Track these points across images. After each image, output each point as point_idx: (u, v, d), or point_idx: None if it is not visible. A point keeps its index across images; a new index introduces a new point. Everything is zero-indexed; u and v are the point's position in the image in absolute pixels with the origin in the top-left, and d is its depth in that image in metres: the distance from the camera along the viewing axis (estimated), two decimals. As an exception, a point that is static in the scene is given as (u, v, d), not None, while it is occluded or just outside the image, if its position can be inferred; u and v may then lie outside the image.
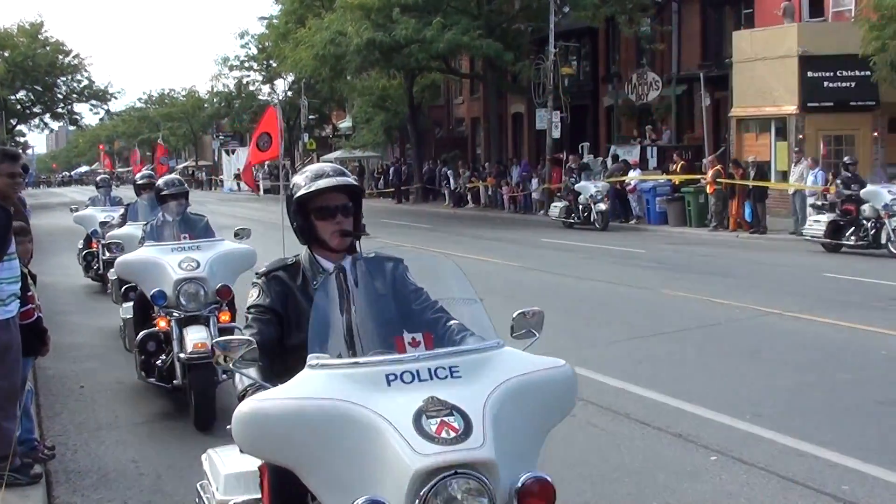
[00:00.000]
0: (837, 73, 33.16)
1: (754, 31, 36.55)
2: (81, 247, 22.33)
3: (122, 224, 16.39)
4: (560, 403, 4.66)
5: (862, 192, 25.33)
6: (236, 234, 12.41)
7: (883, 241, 24.56)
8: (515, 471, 4.13)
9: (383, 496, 3.97)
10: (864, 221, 25.03)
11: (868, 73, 30.50)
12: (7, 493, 7.44)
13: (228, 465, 5.59)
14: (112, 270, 15.52)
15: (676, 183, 35.05)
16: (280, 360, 4.91)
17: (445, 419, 4.05)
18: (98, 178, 25.92)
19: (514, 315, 5.24)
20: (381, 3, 44.04)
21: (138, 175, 18.43)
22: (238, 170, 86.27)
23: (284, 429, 4.15)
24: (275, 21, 71.00)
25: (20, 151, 10.21)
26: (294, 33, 55.60)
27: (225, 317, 10.88)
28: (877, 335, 13.99)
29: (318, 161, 72.60)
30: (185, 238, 11.40)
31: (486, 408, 4.15)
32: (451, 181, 52.50)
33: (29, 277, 8.42)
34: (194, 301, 10.59)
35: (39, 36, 79.70)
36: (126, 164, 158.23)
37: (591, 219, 34.59)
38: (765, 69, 34.48)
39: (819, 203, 27.57)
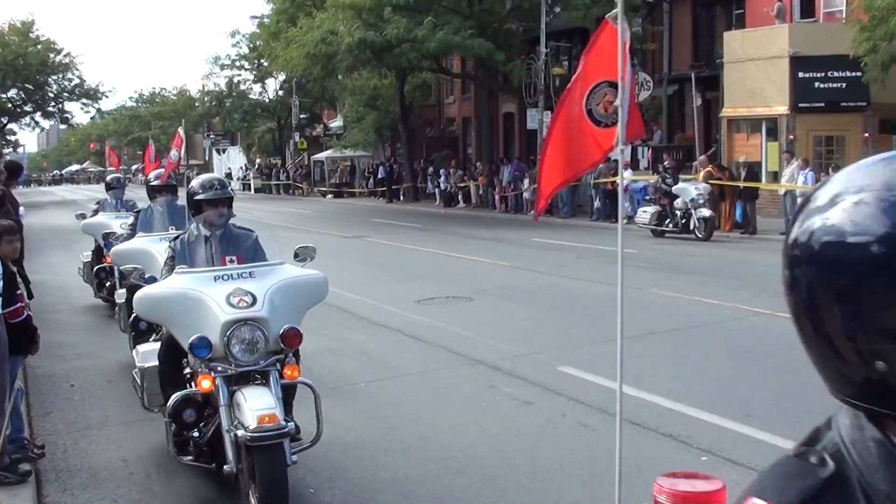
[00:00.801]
0: (828, 74, 33.24)
1: (745, 31, 36.62)
2: (89, 259, 18.58)
3: (130, 235, 13.10)
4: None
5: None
6: (296, 256, 9.26)
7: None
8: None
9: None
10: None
11: (859, 73, 30.55)
12: (-4, 493, 7.43)
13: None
14: (120, 292, 13.76)
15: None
16: None
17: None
18: (108, 178, 21.17)
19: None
20: (372, 2, 44.07)
21: (152, 174, 16.24)
22: (229, 168, 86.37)
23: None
24: (266, 20, 70.97)
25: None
26: (285, 32, 55.53)
27: (292, 372, 8.05)
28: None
29: (308, 160, 72.59)
30: (231, 262, 8.58)
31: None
32: (442, 181, 52.51)
33: (19, 276, 8.41)
34: (251, 351, 7.78)
35: (30, 34, 79.52)
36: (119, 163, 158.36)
37: (691, 226, 29.96)
38: (756, 70, 34.55)
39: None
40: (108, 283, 17.18)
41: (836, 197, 1.62)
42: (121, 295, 13.48)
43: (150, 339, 10.16)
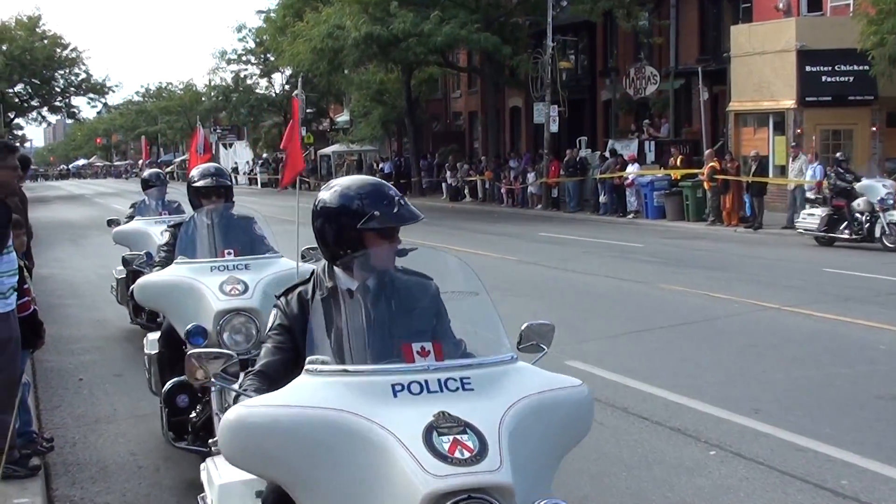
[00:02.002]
0: (836, 68, 33.19)
1: (752, 25, 36.56)
2: (124, 276, 14.76)
3: (166, 261, 9.00)
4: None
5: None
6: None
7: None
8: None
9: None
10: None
11: (866, 67, 30.51)
12: (5, 486, 7.45)
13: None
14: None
15: (675, 177, 35.00)
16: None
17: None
18: (147, 174, 16.91)
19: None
20: (378, -4, 44.12)
21: (198, 170, 9.68)
22: (235, 163, 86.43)
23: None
24: (272, 15, 70.86)
25: (17, 145, 10.23)
26: (292, 27, 55.46)
27: None
28: (875, 330, 14.01)
29: (315, 155, 72.45)
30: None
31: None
32: (448, 175, 52.51)
33: (25, 270, 8.42)
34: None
35: (37, 29, 79.64)
36: (123, 158, 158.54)
37: (877, 233, 24.72)
38: (763, 63, 34.51)
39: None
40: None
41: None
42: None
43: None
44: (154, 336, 9.33)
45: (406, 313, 4.55)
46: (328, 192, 4.62)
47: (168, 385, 8.15)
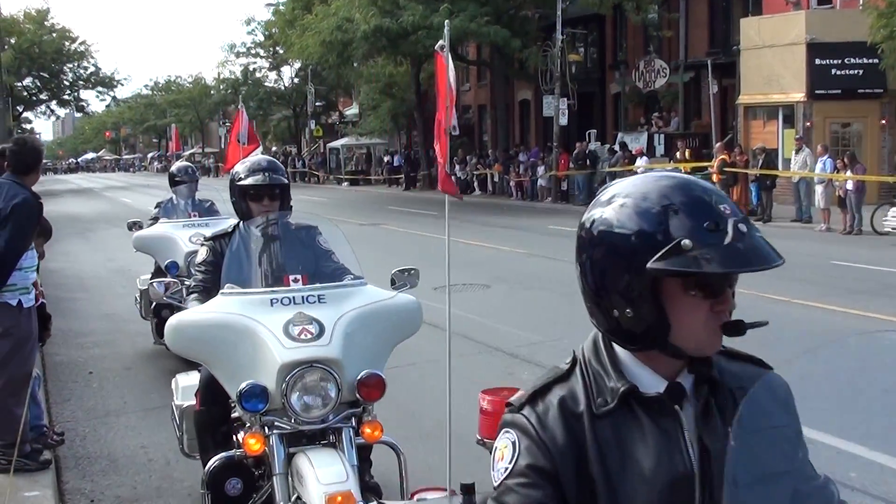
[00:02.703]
0: (845, 61, 33.13)
1: (762, 18, 36.49)
2: (147, 287, 10.88)
3: (208, 276, 6.71)
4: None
5: None
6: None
7: None
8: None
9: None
10: None
11: (876, 60, 30.40)
12: (17, 479, 7.47)
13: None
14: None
15: (683, 170, 34.93)
16: None
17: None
18: (175, 167, 13.86)
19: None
20: (387, -11, 44.10)
21: (244, 165, 7.06)
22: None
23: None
24: (281, 8, 70.94)
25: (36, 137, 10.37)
26: (301, 20, 55.55)
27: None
28: (885, 322, 14.01)
29: (324, 148, 72.57)
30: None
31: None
32: (457, 168, 52.51)
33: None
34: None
35: (46, 23, 79.86)
36: (132, 151, 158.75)
37: None
38: (772, 56, 34.44)
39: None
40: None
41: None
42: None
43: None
44: (186, 381, 7.64)
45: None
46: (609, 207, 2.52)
47: (212, 465, 6.05)
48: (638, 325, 2.43)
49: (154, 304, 11.28)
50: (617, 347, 2.55)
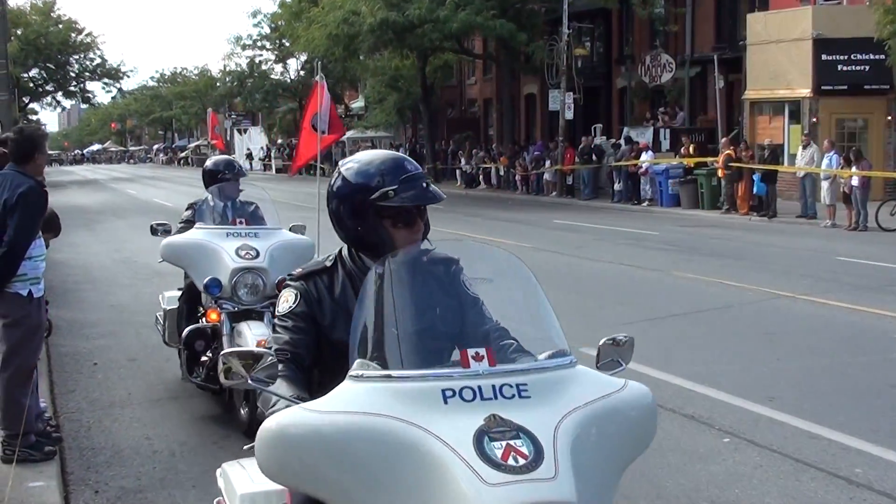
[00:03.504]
0: (852, 57, 33.09)
1: (769, 13, 36.43)
2: (174, 307, 10.53)
3: (303, 320, 4.35)
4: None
5: None
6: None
7: None
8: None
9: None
10: None
11: (883, 56, 30.33)
12: (21, 469, 7.48)
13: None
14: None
15: (688, 165, 34.90)
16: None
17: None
18: (212, 162, 11.16)
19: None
20: (394, -18, 44.08)
21: (375, 165, 4.14)
22: (248, 149, 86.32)
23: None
24: (288, 0, 70.90)
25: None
26: (307, 12, 55.52)
27: None
28: (890, 319, 13.99)
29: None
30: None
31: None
32: (462, 162, 52.50)
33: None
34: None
35: (52, 14, 79.83)
36: (138, 143, 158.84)
37: None
38: (779, 52, 34.40)
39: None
40: (205, 357, 9.57)
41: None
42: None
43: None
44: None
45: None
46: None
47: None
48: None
49: (187, 331, 9.69)
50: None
